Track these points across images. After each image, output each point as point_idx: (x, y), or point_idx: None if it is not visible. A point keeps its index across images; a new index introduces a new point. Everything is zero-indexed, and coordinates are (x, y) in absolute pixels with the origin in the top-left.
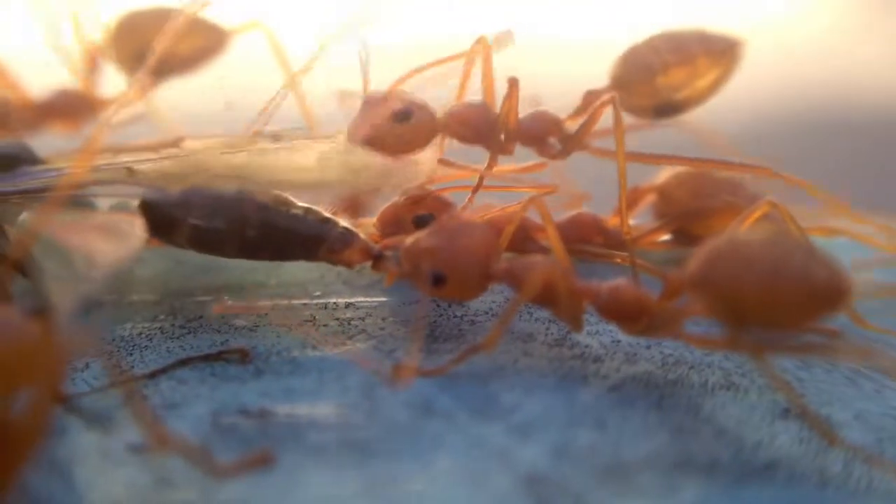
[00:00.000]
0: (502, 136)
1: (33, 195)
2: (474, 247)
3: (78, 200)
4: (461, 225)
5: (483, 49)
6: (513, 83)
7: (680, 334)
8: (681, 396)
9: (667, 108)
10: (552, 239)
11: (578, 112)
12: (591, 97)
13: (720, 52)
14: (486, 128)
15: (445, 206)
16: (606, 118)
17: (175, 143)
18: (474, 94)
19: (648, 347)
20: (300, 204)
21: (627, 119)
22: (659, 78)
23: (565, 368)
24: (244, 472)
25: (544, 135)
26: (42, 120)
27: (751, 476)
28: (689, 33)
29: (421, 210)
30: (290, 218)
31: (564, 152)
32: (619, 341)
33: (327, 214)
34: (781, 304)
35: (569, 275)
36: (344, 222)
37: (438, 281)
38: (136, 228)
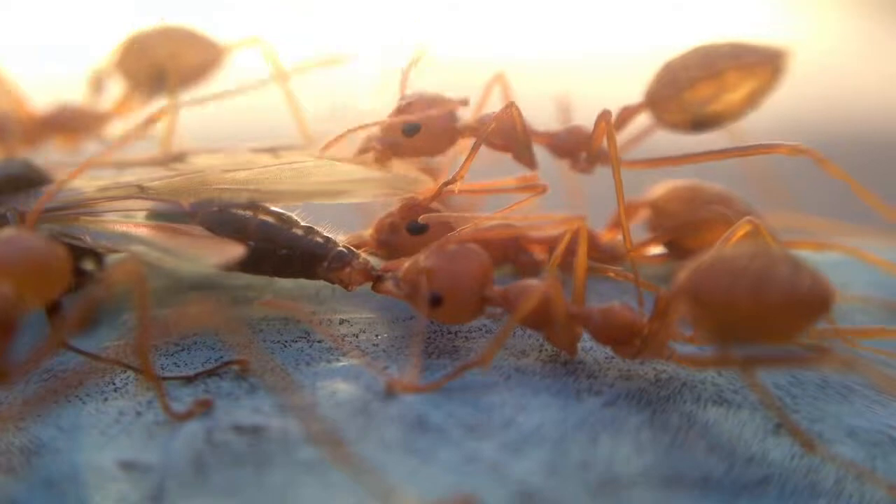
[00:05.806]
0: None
1: (52, 213)
2: (471, 270)
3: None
4: (459, 248)
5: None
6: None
7: (672, 355)
8: (673, 412)
9: (702, 123)
10: (579, 264)
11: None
12: (625, 113)
13: (753, 66)
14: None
15: (439, 215)
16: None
17: (180, 157)
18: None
19: (641, 364)
20: (302, 223)
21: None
22: (685, 93)
23: (559, 384)
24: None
25: (576, 149)
26: (43, 134)
27: (743, 491)
28: (721, 47)
29: (414, 218)
30: (291, 234)
31: (591, 166)
32: (612, 358)
33: (328, 234)
34: (769, 314)
35: (563, 300)
36: (344, 243)
37: (436, 302)
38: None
